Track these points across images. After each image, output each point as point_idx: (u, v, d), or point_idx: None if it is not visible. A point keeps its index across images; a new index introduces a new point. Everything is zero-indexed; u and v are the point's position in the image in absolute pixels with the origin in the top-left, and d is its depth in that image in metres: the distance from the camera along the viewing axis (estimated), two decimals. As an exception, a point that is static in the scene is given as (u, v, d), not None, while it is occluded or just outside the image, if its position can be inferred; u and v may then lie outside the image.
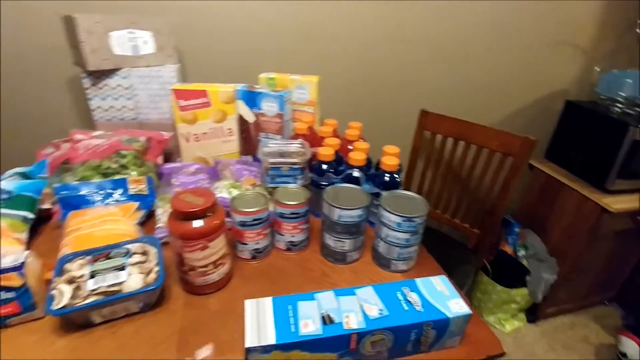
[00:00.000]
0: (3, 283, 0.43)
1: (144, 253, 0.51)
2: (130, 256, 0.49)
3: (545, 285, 1.35)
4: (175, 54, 0.88)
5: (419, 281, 0.47)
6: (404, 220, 0.53)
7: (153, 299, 0.49)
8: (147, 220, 0.67)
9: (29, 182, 0.64)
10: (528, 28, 1.25)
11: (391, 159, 0.64)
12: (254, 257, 0.59)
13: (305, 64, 1.14)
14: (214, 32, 1.04)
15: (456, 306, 0.44)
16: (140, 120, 0.87)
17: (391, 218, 0.54)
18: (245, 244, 0.57)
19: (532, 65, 1.33)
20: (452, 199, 1.19)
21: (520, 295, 1.37)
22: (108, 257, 0.49)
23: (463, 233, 1.17)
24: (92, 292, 0.44)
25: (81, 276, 0.46)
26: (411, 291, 0.46)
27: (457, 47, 1.23)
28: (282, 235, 0.60)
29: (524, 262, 1.40)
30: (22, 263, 0.44)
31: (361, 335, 0.40)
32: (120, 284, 0.45)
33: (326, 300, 0.43)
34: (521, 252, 1.44)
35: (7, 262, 0.44)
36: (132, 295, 0.45)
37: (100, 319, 0.46)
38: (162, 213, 0.64)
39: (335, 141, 0.74)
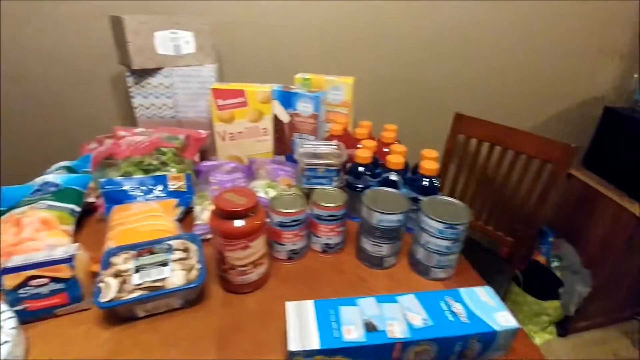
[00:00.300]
0: (54, 274, 0.44)
1: (185, 250, 0.52)
2: (172, 252, 0.50)
3: (579, 298, 1.29)
4: (214, 54, 0.89)
5: (462, 291, 0.46)
6: (446, 227, 0.52)
7: (193, 296, 0.50)
8: (185, 217, 0.69)
9: (75, 176, 0.67)
10: (566, 32, 1.19)
11: (431, 163, 0.63)
12: (290, 258, 0.59)
13: (334, 64, 1.13)
14: (248, 31, 1.05)
15: (503, 319, 0.42)
16: (178, 118, 0.90)
17: (432, 224, 0.53)
18: (283, 245, 0.57)
19: (570, 69, 1.26)
20: (485, 206, 1.15)
21: (552, 307, 1.31)
22: (151, 253, 0.50)
23: (495, 241, 1.13)
24: (137, 286, 0.45)
25: (127, 270, 0.47)
26: (455, 301, 0.44)
27: (492, 49, 1.19)
28: (319, 237, 0.59)
29: (557, 274, 1.34)
30: (73, 255, 0.46)
31: (406, 344, 0.39)
32: (163, 279, 0.46)
33: (368, 306, 0.43)
34: (555, 263, 1.38)
35: (58, 253, 0.46)
36: (174, 292, 0.46)
37: (143, 313, 0.47)
38: (201, 210, 0.65)
39: (372, 143, 0.73)
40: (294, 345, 0.37)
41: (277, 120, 0.88)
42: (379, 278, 0.57)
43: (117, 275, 0.47)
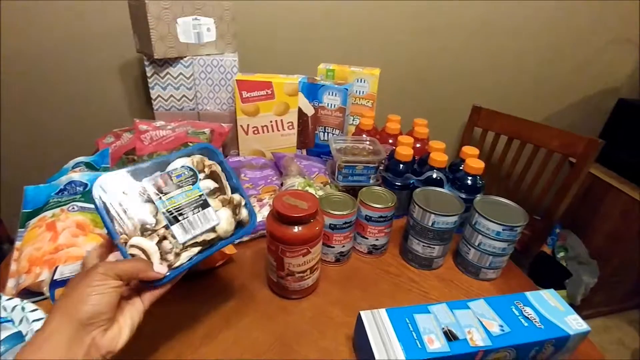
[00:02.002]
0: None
1: (212, 174, 0.39)
2: (199, 180, 0.38)
3: (586, 288, 1.33)
4: (235, 42, 0.84)
5: (529, 295, 0.45)
6: (504, 229, 0.51)
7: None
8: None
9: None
10: (580, 23, 1.19)
11: (476, 161, 0.62)
12: (337, 260, 0.57)
13: (345, 55, 1.09)
14: (268, 19, 1.00)
15: (575, 323, 0.42)
16: (198, 111, 0.85)
17: (489, 226, 0.52)
18: (332, 247, 0.55)
19: (584, 61, 1.27)
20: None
21: (558, 297, 1.35)
22: (169, 183, 0.36)
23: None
24: (185, 245, 0.34)
25: (156, 222, 0.34)
26: (525, 306, 0.44)
27: (507, 41, 1.17)
28: (366, 238, 0.58)
29: (563, 264, 1.38)
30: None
31: (487, 352, 0.38)
32: (213, 228, 0.36)
33: (442, 313, 0.41)
34: (560, 254, 1.42)
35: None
36: (231, 242, 0.37)
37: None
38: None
39: (410, 140, 0.71)
40: (379, 356, 0.36)
41: (300, 113, 0.84)
42: (428, 279, 0.56)
43: (144, 229, 0.34)
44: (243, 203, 0.39)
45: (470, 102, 1.15)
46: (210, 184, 0.38)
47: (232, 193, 0.40)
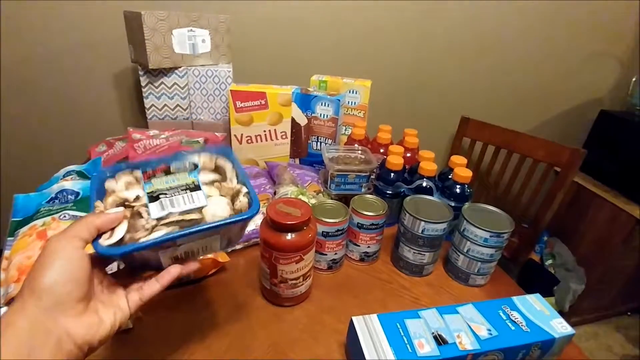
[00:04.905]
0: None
1: (217, 169, 0.38)
2: (199, 173, 0.37)
3: (574, 295, 1.35)
4: (229, 53, 0.86)
5: (516, 300, 0.47)
6: (491, 236, 0.52)
7: (240, 236, 0.39)
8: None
9: (95, 183, 0.62)
10: (565, 36, 1.24)
11: (464, 170, 0.63)
12: (330, 268, 0.58)
13: (338, 66, 1.12)
14: (262, 31, 1.02)
15: (560, 326, 0.43)
16: (191, 120, 0.86)
17: (477, 233, 0.53)
18: (325, 255, 0.56)
19: (568, 73, 1.32)
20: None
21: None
22: (167, 173, 0.36)
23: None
24: (160, 221, 0.32)
25: (137, 198, 0.33)
26: (512, 310, 0.45)
27: (494, 54, 1.22)
28: (358, 245, 0.59)
29: (551, 271, 1.40)
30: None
31: (475, 355, 0.39)
32: (199, 209, 0.33)
33: (432, 318, 0.42)
34: (549, 261, 1.44)
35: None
36: (222, 227, 0.32)
37: (169, 262, 0.33)
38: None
39: (400, 149, 0.73)
40: (368, 362, 0.37)
41: (293, 123, 0.86)
42: (419, 286, 0.58)
43: (122, 205, 0.33)
44: (245, 191, 0.36)
45: (459, 113, 1.18)
46: (212, 176, 0.37)
47: (239, 184, 0.38)
